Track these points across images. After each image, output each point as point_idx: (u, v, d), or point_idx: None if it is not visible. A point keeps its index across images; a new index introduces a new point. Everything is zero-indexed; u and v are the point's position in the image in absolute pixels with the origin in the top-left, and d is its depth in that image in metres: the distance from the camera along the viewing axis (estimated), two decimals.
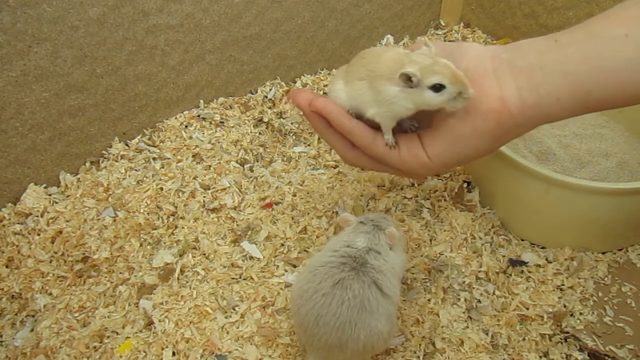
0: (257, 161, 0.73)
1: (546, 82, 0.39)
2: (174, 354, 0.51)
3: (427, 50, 0.40)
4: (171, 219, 0.64)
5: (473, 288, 0.58)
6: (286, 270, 0.59)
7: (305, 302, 0.45)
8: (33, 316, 0.56)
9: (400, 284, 0.50)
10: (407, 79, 0.39)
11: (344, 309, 0.44)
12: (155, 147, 0.74)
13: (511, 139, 0.43)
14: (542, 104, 0.39)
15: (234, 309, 0.55)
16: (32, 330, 0.55)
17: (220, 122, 0.78)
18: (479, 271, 0.60)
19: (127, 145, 0.74)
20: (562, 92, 0.39)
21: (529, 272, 0.59)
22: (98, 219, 0.63)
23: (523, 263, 0.60)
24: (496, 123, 0.40)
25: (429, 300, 0.57)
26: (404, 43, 1.00)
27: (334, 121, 0.43)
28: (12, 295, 0.57)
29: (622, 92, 0.38)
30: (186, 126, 0.77)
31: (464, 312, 0.55)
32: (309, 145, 0.77)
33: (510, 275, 0.59)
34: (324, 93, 0.84)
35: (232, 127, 0.78)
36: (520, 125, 0.41)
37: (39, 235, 0.62)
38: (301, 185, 0.70)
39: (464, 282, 0.58)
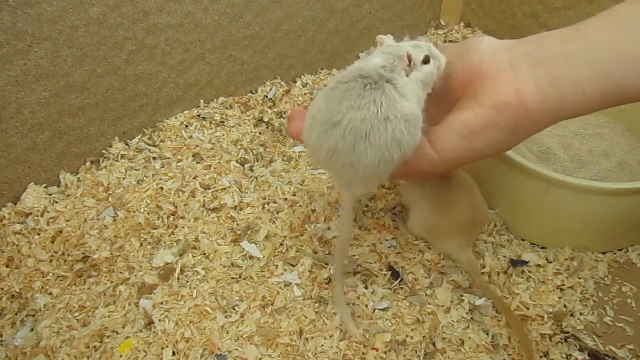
0: (258, 161, 0.73)
1: (569, 74, 0.36)
2: (174, 353, 0.51)
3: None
4: (171, 219, 0.64)
5: (474, 289, 0.58)
6: (285, 270, 0.59)
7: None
8: (33, 316, 0.56)
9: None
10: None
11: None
12: (155, 147, 0.74)
13: (530, 135, 0.40)
14: (565, 97, 0.36)
15: (234, 309, 0.55)
16: (32, 330, 0.54)
17: (221, 122, 0.78)
18: (481, 272, 0.59)
19: (127, 145, 0.74)
20: (588, 84, 0.35)
21: (530, 272, 0.59)
22: (98, 219, 0.63)
23: (524, 263, 0.60)
24: (511, 117, 0.38)
25: (429, 300, 0.57)
26: None
27: None
28: (13, 295, 0.57)
29: None
30: (186, 126, 0.77)
31: (466, 313, 0.55)
32: None
33: (511, 275, 0.59)
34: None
35: (233, 127, 0.78)
36: (539, 120, 0.38)
37: (39, 235, 0.62)
38: (301, 185, 0.69)
39: (465, 282, 0.58)
